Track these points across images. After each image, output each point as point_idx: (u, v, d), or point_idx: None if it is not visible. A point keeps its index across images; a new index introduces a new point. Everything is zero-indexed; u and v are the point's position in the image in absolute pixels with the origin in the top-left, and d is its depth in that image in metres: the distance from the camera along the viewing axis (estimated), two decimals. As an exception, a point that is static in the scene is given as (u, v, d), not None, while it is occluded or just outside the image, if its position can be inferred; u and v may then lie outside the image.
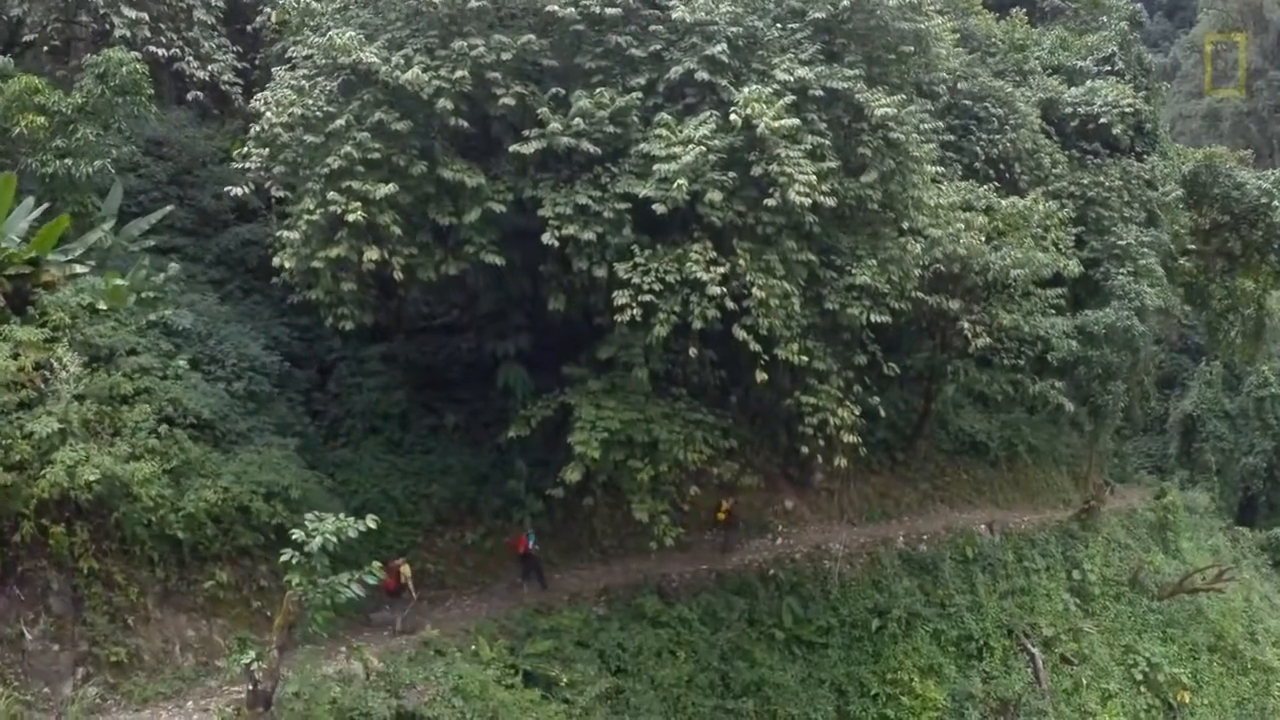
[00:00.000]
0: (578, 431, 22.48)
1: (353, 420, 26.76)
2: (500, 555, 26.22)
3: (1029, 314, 28.06)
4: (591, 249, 21.77)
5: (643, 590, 25.97)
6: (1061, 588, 31.29)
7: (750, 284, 20.84)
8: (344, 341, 27.72)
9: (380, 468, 25.50)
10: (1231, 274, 48.97)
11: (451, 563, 25.34)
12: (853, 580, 28.30)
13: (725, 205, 21.23)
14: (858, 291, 22.80)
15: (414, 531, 24.85)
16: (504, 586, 25.34)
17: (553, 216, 21.38)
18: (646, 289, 20.95)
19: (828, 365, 23.27)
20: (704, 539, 29.63)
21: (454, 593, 24.59)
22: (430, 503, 25.39)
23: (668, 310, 21.05)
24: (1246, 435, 51.07)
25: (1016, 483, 35.45)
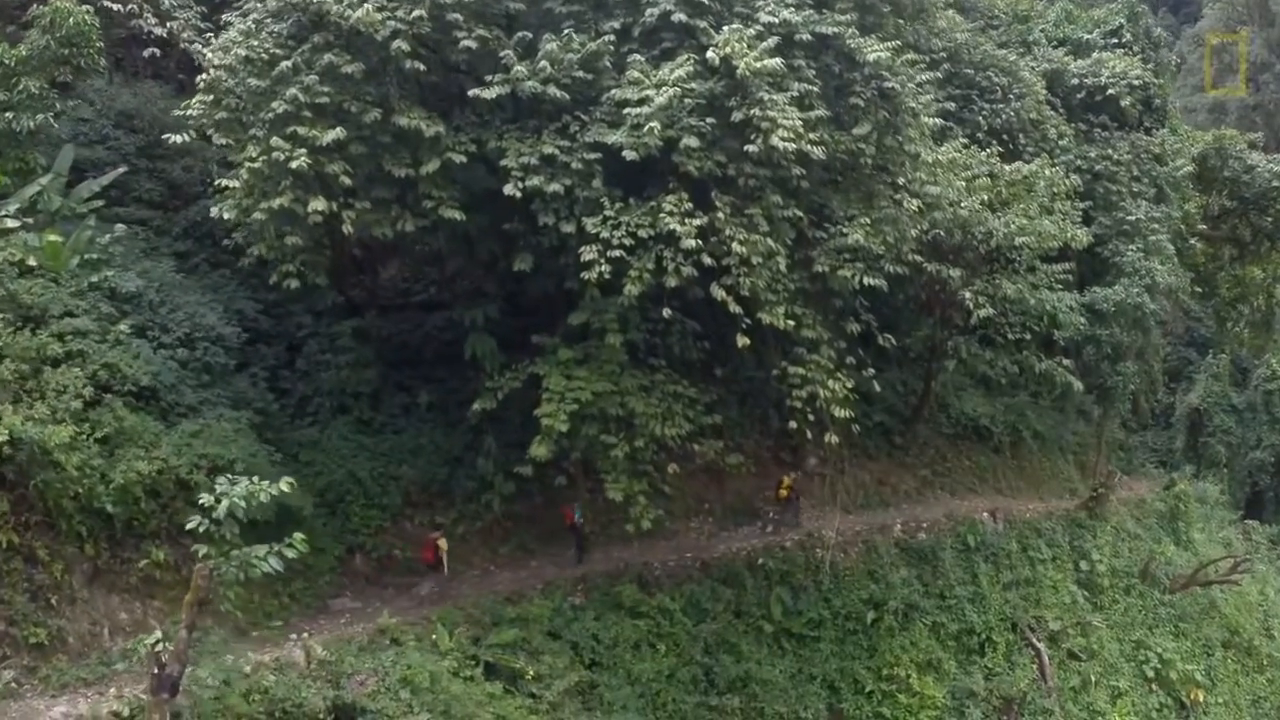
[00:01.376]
0: (545, 403, 20.53)
1: (321, 398, 24.90)
2: (473, 540, 24.33)
3: (1035, 288, 25.63)
4: (559, 203, 19.73)
5: (623, 579, 23.95)
6: (1068, 579, 28.90)
7: (730, 239, 18.58)
8: (316, 318, 26.05)
9: (347, 448, 23.75)
10: (1241, 262, 46.60)
11: (420, 548, 23.35)
12: (847, 570, 25.98)
13: (703, 154, 19.13)
14: (849, 253, 20.49)
15: (381, 515, 23.13)
16: (476, 574, 23.46)
17: (516, 167, 19.32)
18: (616, 244, 18.79)
19: (818, 334, 21.06)
20: (690, 525, 27.47)
21: (420, 580, 22.71)
22: (399, 485, 23.63)
23: (640, 268, 18.90)
24: (1254, 429, 48.57)
25: (1021, 470, 33.03)
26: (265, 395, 23.72)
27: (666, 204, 18.68)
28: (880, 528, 27.42)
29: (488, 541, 24.73)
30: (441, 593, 21.84)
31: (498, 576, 23.67)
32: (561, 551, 24.79)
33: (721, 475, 28.11)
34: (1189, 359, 52.70)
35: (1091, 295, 29.22)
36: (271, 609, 20.27)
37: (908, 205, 20.65)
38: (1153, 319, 30.18)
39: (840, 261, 20.41)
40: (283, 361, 25.47)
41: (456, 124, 20.52)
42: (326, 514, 22.61)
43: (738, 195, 19.61)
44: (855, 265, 20.37)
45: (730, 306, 19.12)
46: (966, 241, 23.93)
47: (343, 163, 19.10)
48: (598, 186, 19.32)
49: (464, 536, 24.12)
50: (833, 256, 20.56)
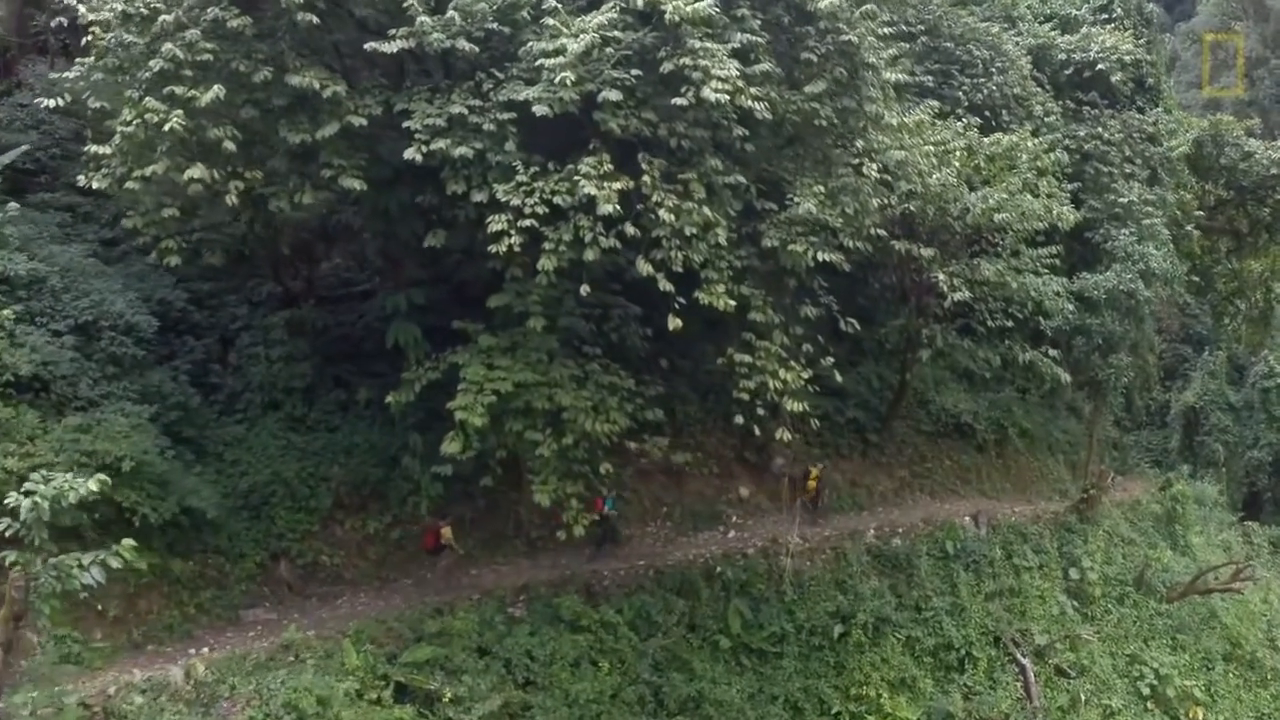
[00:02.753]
0: (461, 395, 17.80)
1: (251, 394, 22.63)
2: (409, 547, 21.81)
3: (1018, 272, 22.55)
4: (470, 169, 16.81)
5: (567, 588, 21.26)
6: (1057, 588, 25.70)
7: (657, 206, 15.59)
8: (252, 309, 24.03)
9: (275, 446, 21.52)
10: (1238, 255, 43.54)
11: (350, 554, 21.31)
12: (812, 580, 22.94)
13: (629, 111, 16.17)
14: (802, 226, 17.43)
15: (309, 519, 20.90)
16: (409, 583, 21.12)
17: (420, 129, 16.42)
18: (529, 213, 15.81)
19: (768, 317, 18.00)
20: (646, 529, 24.60)
21: (350, 589, 20.64)
22: (329, 486, 21.31)
23: (555, 239, 15.91)
24: (1251, 428, 45.56)
25: (1006, 470, 29.86)
26: (186, 390, 21.35)
27: (583, 166, 15.73)
28: (851, 533, 24.36)
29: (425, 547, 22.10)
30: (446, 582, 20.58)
31: (432, 585, 21.14)
32: (512, 558, 22.30)
33: (681, 476, 25.26)
34: (1184, 356, 49.93)
35: (1081, 282, 26.13)
36: (173, 620, 18.49)
37: (868, 172, 17.58)
38: (1147, 308, 27.03)
39: (792, 235, 17.35)
40: (214, 355, 23.29)
41: (363, 86, 17.98)
42: (249, 517, 20.48)
43: (671, 159, 16.65)
44: (809, 239, 17.31)
45: (660, 284, 16.15)
46: (941, 219, 20.84)
47: (230, 127, 16.70)
48: (511, 150, 16.44)
49: (399, 542, 21.71)
50: (783, 230, 17.53)
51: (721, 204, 16.97)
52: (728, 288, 17.24)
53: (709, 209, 16.23)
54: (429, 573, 21.71)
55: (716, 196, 16.86)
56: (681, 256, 15.94)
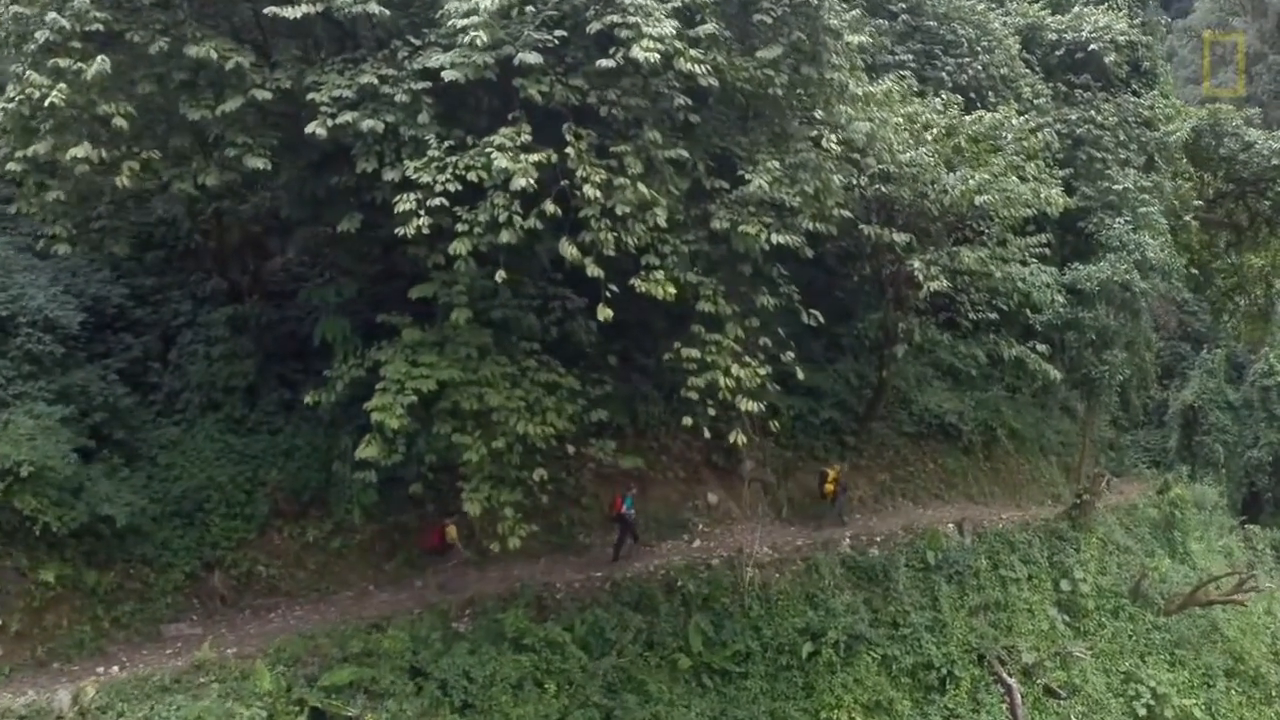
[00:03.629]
0: (378, 395, 15.88)
1: (190, 394, 20.83)
2: (351, 556, 20.01)
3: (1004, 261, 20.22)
4: (381, 144, 14.64)
5: (516, 602, 19.15)
6: (1047, 601, 23.31)
7: (583, 181, 13.36)
8: (197, 305, 22.06)
9: (212, 449, 19.83)
10: (1237, 249, 41.14)
11: (288, 564, 19.57)
12: (781, 593, 20.70)
13: (555, 77, 13.93)
14: (755, 205, 15.16)
15: (245, 526, 19.25)
16: (349, 595, 19.40)
17: (326, 102, 14.32)
18: (439, 190, 13.65)
19: (720, 308, 15.70)
20: (607, 538, 22.44)
21: (286, 601, 18.99)
22: (266, 492, 19.64)
23: (470, 220, 13.74)
24: (1251, 427, 43.44)
25: (995, 473, 27.48)
26: (116, 389, 19.55)
27: (498, 138, 13.53)
28: (825, 542, 22.08)
29: (368, 557, 20.29)
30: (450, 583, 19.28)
31: (375, 598, 19.35)
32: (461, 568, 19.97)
33: (645, 481, 22.99)
34: (1182, 354, 47.74)
35: (1073, 273, 23.77)
36: (84, 636, 17.04)
37: (829, 146, 15.28)
38: (1143, 301, 24.66)
39: (743, 216, 15.08)
40: (154, 353, 21.42)
41: (276, 59, 15.98)
42: (182, 524, 18.86)
43: (606, 131, 14.45)
44: (762, 221, 15.03)
45: (589, 269, 13.94)
46: (917, 202, 18.53)
47: (124, 104, 14.86)
48: (424, 122, 14.27)
49: (340, 551, 19.94)
50: (734, 210, 15.25)
51: (664, 182, 14.76)
52: (672, 275, 15.04)
53: (645, 186, 14.00)
54: (369, 584, 19.86)
55: (657, 173, 14.66)
56: (613, 239, 13.71)
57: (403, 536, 20.64)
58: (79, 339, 19.43)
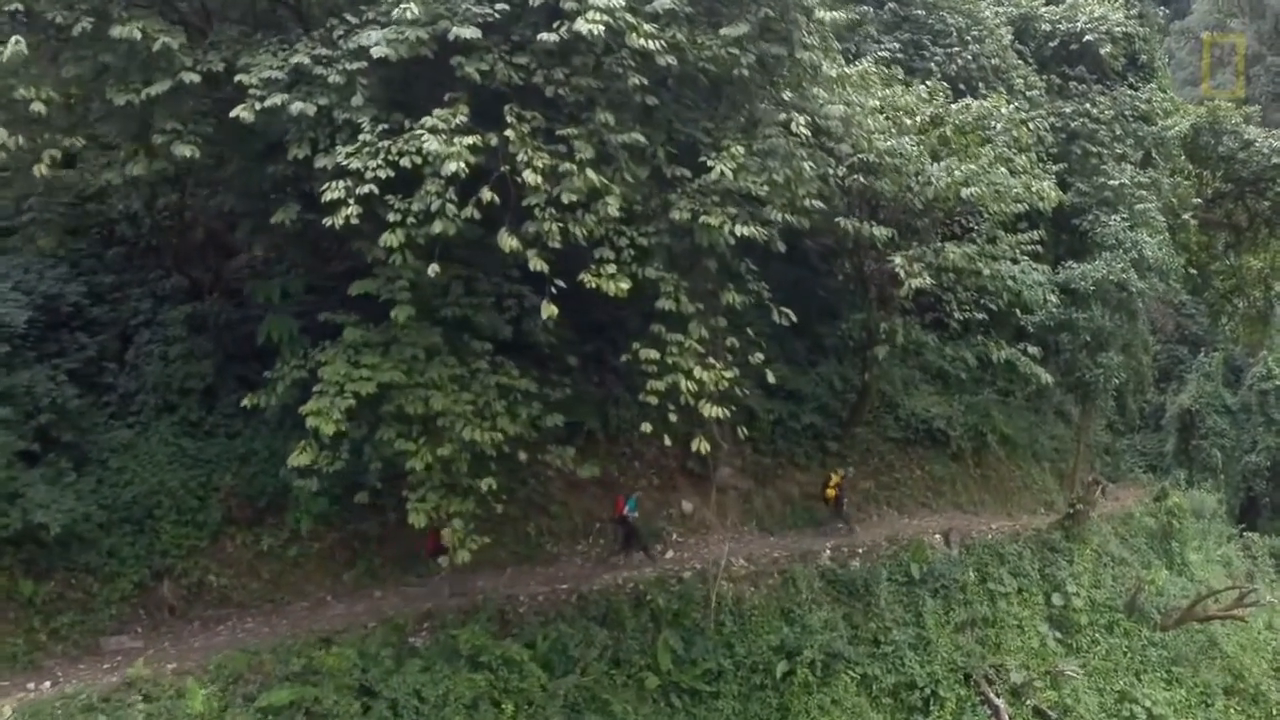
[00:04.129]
0: (315, 398, 14.53)
1: (145, 395, 19.53)
2: (309, 565, 18.68)
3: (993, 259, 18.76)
4: (315, 129, 13.23)
5: (477, 616, 17.77)
6: (1037, 617, 21.82)
7: (525, 166, 11.95)
8: (157, 303, 20.71)
9: (165, 453, 18.58)
10: (1236, 250, 39.68)
11: (241, 574, 18.32)
12: (755, 608, 19.27)
13: (497, 54, 12.51)
14: (718, 195, 13.73)
15: (197, 534, 18.01)
16: (305, 605, 18.12)
17: (255, 84, 12.93)
18: (370, 177, 12.26)
19: (681, 306, 14.28)
20: (576, 548, 21.11)
21: (237, 612, 17.73)
22: (220, 497, 18.39)
23: (403, 209, 12.34)
24: (1249, 431, 42.42)
25: (985, 481, 25.98)
26: (66, 391, 18.26)
27: (430, 119, 12.13)
28: (804, 554, 20.61)
29: (326, 566, 18.93)
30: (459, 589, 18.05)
31: (331, 610, 17.95)
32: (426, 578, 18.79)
33: (616, 489, 21.54)
34: (1179, 357, 46.60)
35: (1067, 272, 22.30)
36: (16, 650, 15.88)
37: (798, 130, 13.82)
38: (1140, 301, 23.17)
39: (706, 206, 13.64)
40: (110, 353, 20.07)
41: (212, 40, 14.65)
42: (132, 531, 17.55)
43: (556, 114, 13.03)
44: (726, 211, 13.59)
45: (532, 263, 12.53)
46: (901, 196, 17.07)
47: (46, 88, 13.63)
48: (358, 104, 12.88)
49: (296, 560, 18.54)
50: (696, 200, 13.80)
51: (619, 169, 13.32)
52: (629, 270, 13.63)
53: (595, 173, 12.57)
54: (327, 594, 18.43)
55: (612, 160, 13.23)
56: (558, 230, 12.29)
57: (363, 545, 19.34)
58: (27, 338, 18.05)
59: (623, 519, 19.67)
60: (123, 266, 21.62)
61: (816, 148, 14.82)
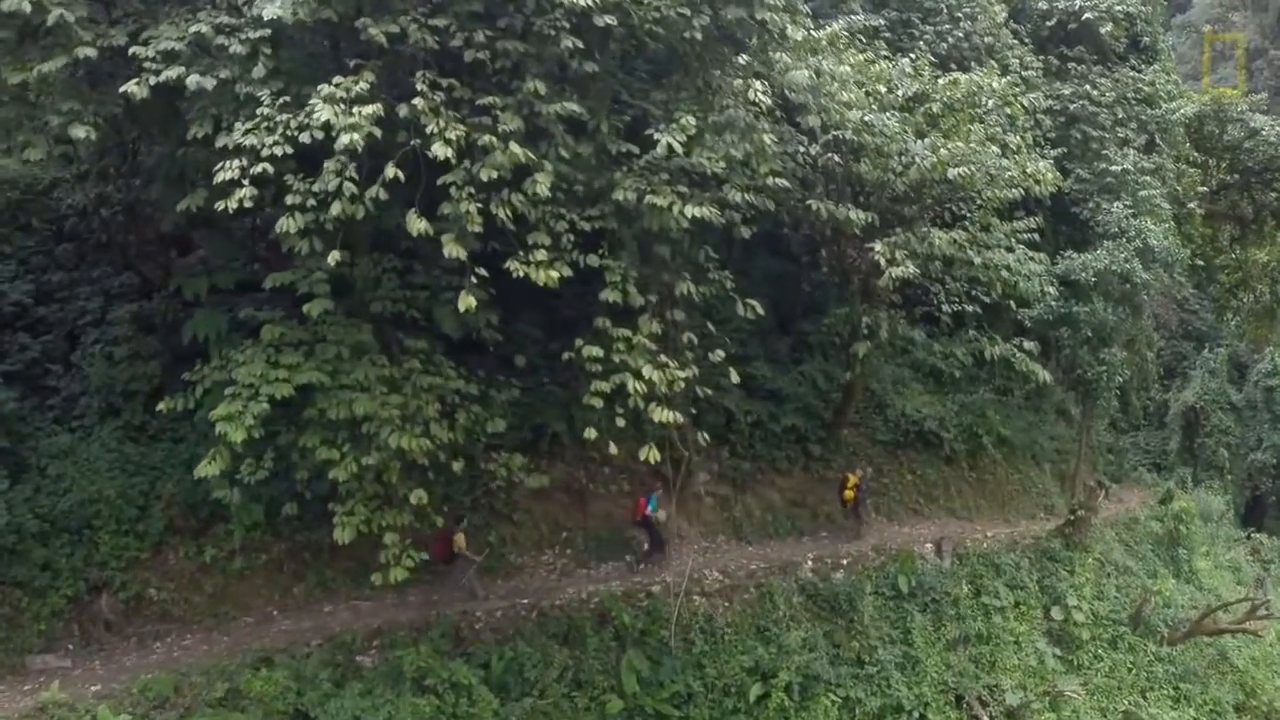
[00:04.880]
0: (225, 403, 12.95)
1: (89, 398, 18.26)
2: (255, 577, 17.18)
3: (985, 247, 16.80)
4: (218, 106, 11.45)
5: (431, 632, 16.12)
6: (1036, 632, 19.82)
7: (434, 137, 10.10)
8: (107, 301, 19.40)
9: (108, 460, 17.30)
10: (1242, 243, 37.67)
11: (183, 587, 16.84)
12: (729, 626, 17.39)
13: (412, 16, 10.67)
14: (670, 173, 11.84)
15: (137, 544, 16.64)
16: (249, 621, 16.72)
17: (151, 57, 11.17)
18: (266, 154, 10.43)
19: (628, 297, 12.40)
20: (541, 559, 19.40)
21: (178, 628, 16.37)
22: (162, 506, 16.96)
23: (303, 190, 10.51)
24: (1254, 428, 41.10)
25: (980, 485, 23.98)
26: (3, 394, 17.17)
27: (327, 88, 10.31)
28: (783, 566, 18.70)
29: (275, 579, 17.42)
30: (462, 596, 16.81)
31: (277, 626, 16.50)
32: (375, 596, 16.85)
33: (584, 496, 19.74)
34: (1183, 354, 45.01)
35: (1066, 263, 20.31)
36: None
37: (758, 98, 11.90)
38: (1145, 294, 21.12)
39: (653, 185, 11.74)
40: (56, 354, 18.81)
41: (118, 15, 12.94)
42: (69, 542, 16.30)
43: (486, 83, 11.18)
44: (676, 191, 11.69)
45: (446, 248, 10.68)
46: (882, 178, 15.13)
47: None
48: (259, 76, 11.06)
49: (242, 573, 17.03)
50: (643, 179, 11.90)
51: (555, 144, 11.45)
52: (569, 257, 11.77)
53: (519, 146, 10.69)
54: (274, 609, 16.87)
55: (546, 135, 11.37)
56: (472, 210, 10.44)
57: (314, 556, 17.63)
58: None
59: (645, 520, 18.04)
60: (74, 263, 20.22)
61: (783, 121, 12.90)
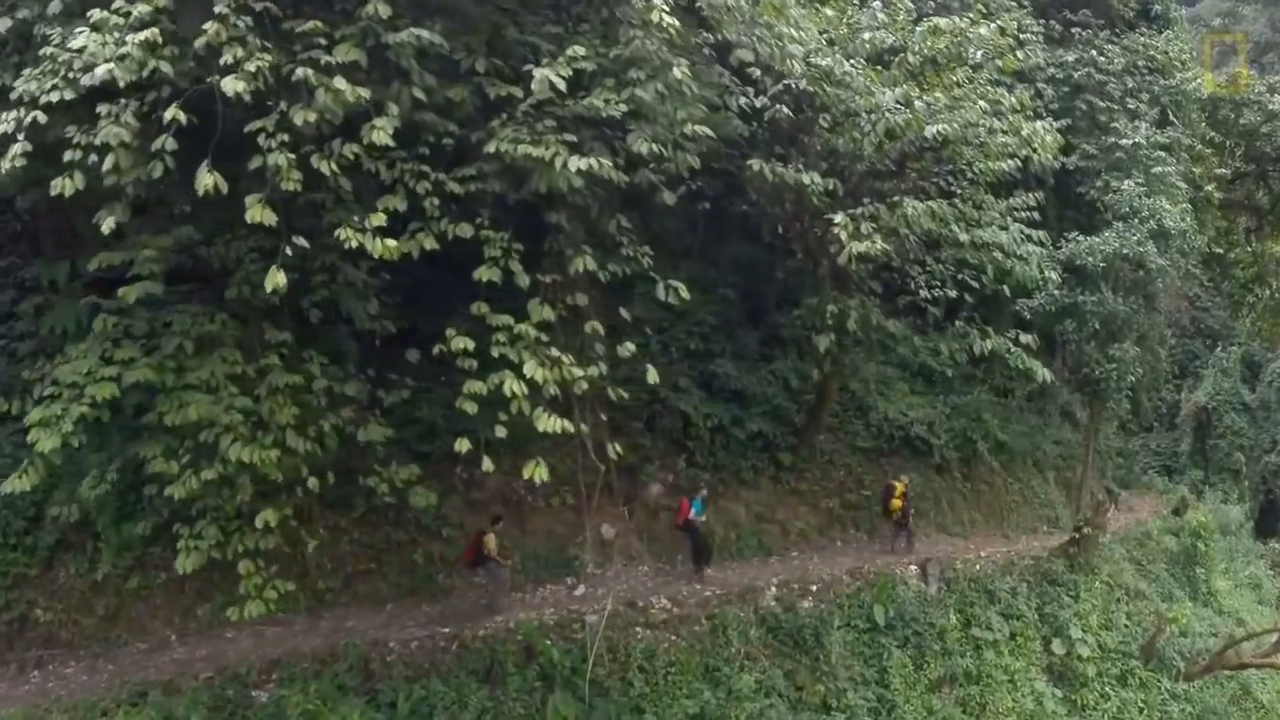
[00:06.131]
0: (40, 406, 10.64)
1: None
2: (157, 598, 14.83)
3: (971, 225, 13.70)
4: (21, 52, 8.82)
5: (337, 665, 13.55)
6: (1034, 669, 16.62)
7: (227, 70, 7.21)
8: (21, 294, 17.11)
9: None
10: (1258, 235, 34.42)
11: (72, 607, 14.74)
12: (674, 664, 14.35)
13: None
14: (558, 118, 8.89)
15: (25, 560, 14.75)
16: (144, 647, 14.37)
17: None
18: (44, 101, 7.65)
19: (517, 275, 9.44)
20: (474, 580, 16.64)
21: (64, 653, 14.33)
22: (54, 520, 14.81)
23: (83, 144, 7.71)
24: (1268, 430, 38.07)
25: (976, 496, 20.81)
26: None
27: (99, 13, 7.52)
28: (744, 592, 15.64)
29: (175, 600, 15.08)
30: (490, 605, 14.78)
31: (171, 654, 14.14)
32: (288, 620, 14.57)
33: (521, 510, 16.79)
34: (1195, 352, 41.94)
35: (1072, 246, 17.19)
36: None
37: (663, 21, 8.88)
38: (1160, 281, 17.89)
39: (535, 134, 8.77)
40: None
41: None
42: None
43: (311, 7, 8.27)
44: (561, 140, 8.71)
45: (250, 213, 7.82)
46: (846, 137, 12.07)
47: None
48: (55, 12, 8.28)
49: (138, 593, 14.80)
50: (520, 127, 8.94)
51: (409, 82, 8.53)
52: (435, 226, 8.85)
53: (345, 82, 7.78)
54: (172, 633, 14.58)
55: (400, 72, 8.45)
56: (285, 164, 7.56)
57: (223, 575, 14.81)
58: None
59: (688, 525, 15.79)
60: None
61: (713, 61, 9.92)
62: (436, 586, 16.08)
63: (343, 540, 16.30)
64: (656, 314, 18.64)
